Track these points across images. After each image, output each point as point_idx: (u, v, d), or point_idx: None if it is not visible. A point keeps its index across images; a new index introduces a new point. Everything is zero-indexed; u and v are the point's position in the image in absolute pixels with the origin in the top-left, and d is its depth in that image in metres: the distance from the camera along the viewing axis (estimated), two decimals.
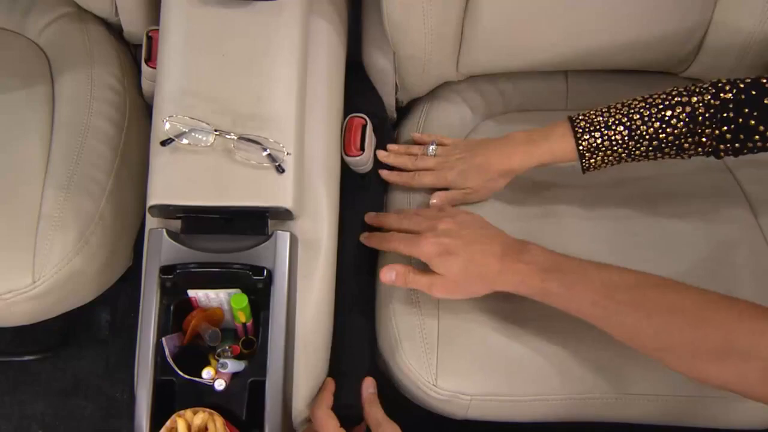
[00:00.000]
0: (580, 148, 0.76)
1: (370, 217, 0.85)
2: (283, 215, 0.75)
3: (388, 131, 0.96)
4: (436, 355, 0.78)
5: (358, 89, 0.94)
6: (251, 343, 0.72)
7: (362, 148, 0.84)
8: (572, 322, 0.69)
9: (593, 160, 0.77)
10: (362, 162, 0.85)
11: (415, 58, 0.90)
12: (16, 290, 0.81)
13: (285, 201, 0.72)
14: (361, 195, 0.88)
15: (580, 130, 0.76)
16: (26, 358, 1.24)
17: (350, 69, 0.90)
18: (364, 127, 0.85)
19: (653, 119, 0.74)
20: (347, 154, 0.84)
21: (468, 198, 0.85)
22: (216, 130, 0.72)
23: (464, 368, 0.78)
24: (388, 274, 0.75)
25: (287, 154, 0.72)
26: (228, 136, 0.71)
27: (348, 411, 0.82)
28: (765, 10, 0.82)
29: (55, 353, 1.24)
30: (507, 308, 0.80)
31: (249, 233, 0.73)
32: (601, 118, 0.76)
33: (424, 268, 0.74)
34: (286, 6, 0.77)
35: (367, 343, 0.84)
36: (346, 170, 0.86)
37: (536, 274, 0.67)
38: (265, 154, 0.71)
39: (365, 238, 0.83)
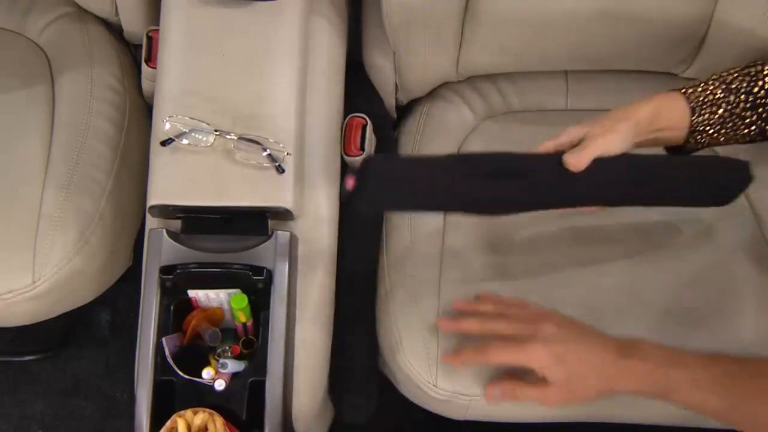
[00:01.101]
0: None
1: (458, 304, 0.78)
2: (283, 215, 0.75)
3: (388, 131, 0.96)
4: (437, 356, 0.78)
5: (358, 89, 0.94)
6: (251, 343, 0.73)
7: (362, 148, 0.84)
8: None
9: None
10: None
11: (415, 58, 0.90)
12: (17, 290, 0.81)
13: (285, 201, 0.72)
14: None
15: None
16: (26, 358, 1.24)
17: (350, 69, 0.90)
18: (365, 127, 0.85)
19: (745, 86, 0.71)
20: (347, 154, 0.84)
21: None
22: (216, 130, 0.72)
23: (464, 368, 0.78)
24: (492, 395, 0.72)
25: (287, 154, 0.72)
26: (228, 136, 0.71)
27: (349, 411, 0.82)
28: (766, 10, 0.82)
29: (55, 353, 1.24)
30: None
31: (249, 233, 0.73)
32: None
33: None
34: (286, 6, 0.77)
35: (367, 343, 0.84)
36: (346, 170, 0.86)
37: (655, 370, 0.64)
38: (265, 154, 0.71)
39: (454, 356, 0.76)
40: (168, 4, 0.77)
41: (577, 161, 0.67)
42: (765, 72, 0.70)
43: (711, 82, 0.72)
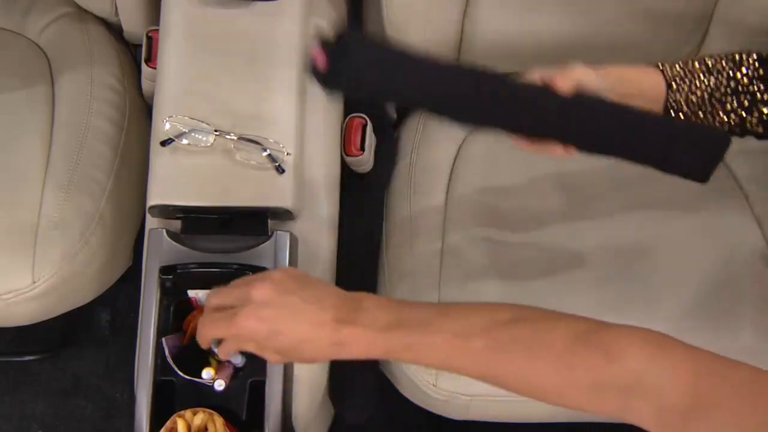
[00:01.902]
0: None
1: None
2: (283, 215, 0.75)
3: (388, 131, 0.96)
4: None
5: None
6: None
7: (362, 148, 0.84)
8: None
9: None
10: (362, 162, 0.85)
11: None
12: (17, 290, 0.81)
13: (285, 201, 0.72)
14: (361, 195, 0.88)
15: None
16: (26, 358, 1.24)
17: None
18: (365, 127, 0.84)
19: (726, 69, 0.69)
20: (347, 154, 0.84)
21: None
22: (216, 131, 0.72)
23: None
24: (224, 354, 0.63)
25: (287, 154, 0.72)
26: (228, 137, 0.71)
27: (350, 411, 0.82)
28: (766, 8, 0.82)
29: (55, 353, 1.24)
30: None
31: (249, 233, 0.73)
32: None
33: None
34: (286, 6, 0.77)
35: None
36: (346, 170, 0.86)
37: (376, 337, 0.57)
38: (265, 154, 0.71)
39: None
40: (168, 5, 0.77)
41: (562, 78, 0.65)
42: (751, 59, 0.69)
43: (692, 62, 0.71)
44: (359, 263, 0.85)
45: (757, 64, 0.68)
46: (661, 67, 0.71)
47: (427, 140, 0.94)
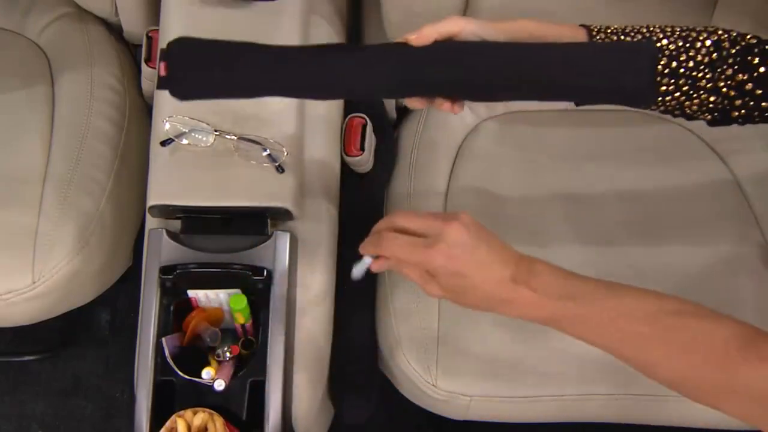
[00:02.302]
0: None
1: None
2: (283, 215, 0.75)
3: (388, 131, 0.96)
4: (436, 356, 0.78)
5: None
6: (251, 343, 0.72)
7: (362, 148, 0.84)
8: None
9: None
10: (362, 162, 0.85)
11: None
12: (16, 290, 0.81)
13: (285, 201, 0.72)
14: (361, 195, 0.88)
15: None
16: (26, 358, 1.24)
17: None
18: (364, 127, 0.84)
19: (678, 43, 0.62)
20: (347, 154, 0.84)
21: None
22: (216, 130, 0.72)
23: (464, 368, 0.78)
24: (379, 264, 0.65)
25: (287, 154, 0.72)
26: (228, 137, 0.71)
27: (349, 411, 0.82)
28: (765, 10, 0.82)
29: (55, 353, 1.24)
30: None
31: (249, 233, 0.73)
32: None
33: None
34: (286, 6, 0.77)
35: (367, 343, 0.84)
36: (346, 170, 0.86)
37: (546, 303, 0.59)
38: (265, 154, 0.71)
39: (362, 247, 0.67)
40: (168, 4, 0.77)
41: (417, 35, 0.60)
42: (706, 42, 0.61)
43: (625, 27, 0.65)
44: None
45: (712, 49, 0.61)
46: (588, 27, 0.65)
47: (426, 140, 0.94)
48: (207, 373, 0.68)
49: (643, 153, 0.90)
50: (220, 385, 0.68)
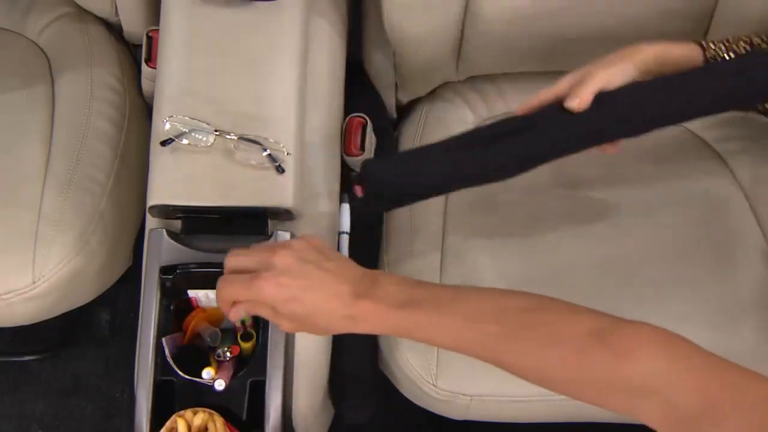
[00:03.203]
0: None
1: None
2: (283, 215, 0.75)
3: (388, 131, 0.96)
4: (437, 355, 0.78)
5: (358, 89, 0.93)
6: (249, 336, 0.72)
7: (362, 148, 0.84)
8: None
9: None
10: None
11: (415, 58, 0.90)
12: (16, 290, 0.81)
13: (285, 201, 0.72)
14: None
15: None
16: (26, 358, 1.24)
17: (350, 69, 0.90)
18: (365, 127, 0.84)
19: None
20: (347, 154, 0.84)
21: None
22: (216, 131, 0.72)
23: (464, 368, 0.78)
24: (235, 310, 0.61)
25: (287, 154, 0.72)
26: (228, 137, 0.71)
27: (350, 411, 0.82)
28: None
29: (56, 353, 1.24)
30: None
31: (249, 233, 0.73)
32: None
33: None
34: (287, 6, 0.77)
35: (367, 343, 0.84)
36: (346, 170, 0.86)
37: (388, 313, 0.58)
38: (265, 154, 0.71)
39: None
40: (168, 4, 0.77)
41: (579, 101, 0.64)
42: None
43: (735, 40, 0.68)
44: (359, 264, 0.85)
45: None
46: (701, 43, 0.68)
47: (427, 140, 0.94)
48: (207, 373, 0.68)
49: (642, 151, 0.90)
50: (220, 385, 0.68)
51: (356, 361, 0.83)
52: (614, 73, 0.65)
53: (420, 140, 0.94)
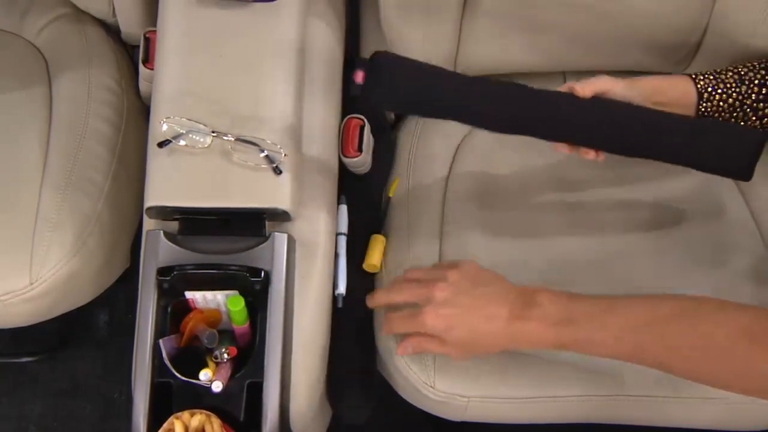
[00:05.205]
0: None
1: (370, 301, 0.78)
2: (281, 216, 0.75)
3: (386, 132, 0.96)
4: (434, 357, 0.78)
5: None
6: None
7: (360, 149, 0.84)
8: None
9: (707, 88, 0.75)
10: (360, 163, 0.85)
11: (412, 56, 0.90)
12: (14, 292, 0.81)
13: (282, 202, 0.72)
14: (359, 196, 0.88)
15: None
16: (24, 359, 1.24)
17: (348, 69, 0.90)
18: (362, 128, 0.84)
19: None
20: (345, 155, 0.84)
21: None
22: (213, 132, 0.72)
23: (462, 369, 0.78)
24: (404, 347, 0.73)
25: (285, 155, 0.72)
26: (225, 138, 0.71)
27: (348, 412, 0.82)
28: (764, 10, 0.82)
29: (53, 354, 1.24)
30: None
31: (246, 235, 0.73)
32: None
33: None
34: (284, 7, 0.77)
35: (365, 344, 0.84)
36: (344, 171, 0.86)
37: (548, 331, 0.64)
38: (262, 155, 0.71)
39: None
40: (166, 5, 0.77)
41: (580, 87, 0.70)
42: None
43: (724, 71, 0.74)
44: (357, 264, 0.85)
45: None
46: (693, 77, 0.74)
47: (425, 140, 0.94)
48: (204, 375, 0.68)
49: None
50: (217, 386, 0.68)
51: (354, 362, 0.83)
52: (617, 83, 0.71)
53: (418, 141, 0.94)
